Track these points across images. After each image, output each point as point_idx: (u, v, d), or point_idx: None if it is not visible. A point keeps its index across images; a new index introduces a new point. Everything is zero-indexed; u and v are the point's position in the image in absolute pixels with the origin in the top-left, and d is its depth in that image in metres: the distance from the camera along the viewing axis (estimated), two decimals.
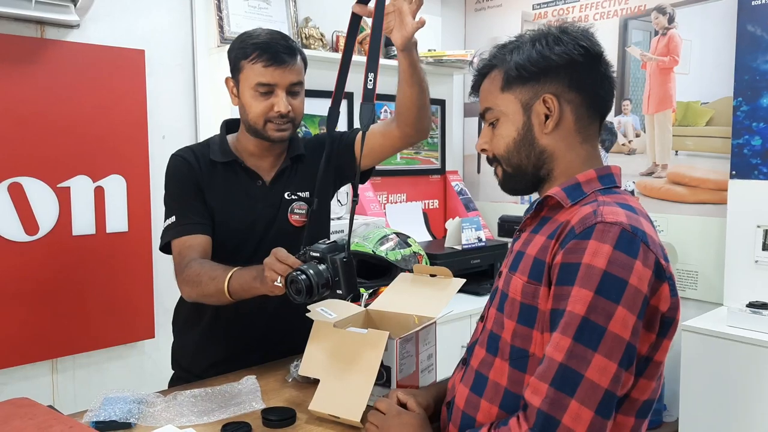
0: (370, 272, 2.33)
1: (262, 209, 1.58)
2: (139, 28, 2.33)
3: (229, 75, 1.57)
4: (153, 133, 2.36)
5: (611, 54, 1.08)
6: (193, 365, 1.60)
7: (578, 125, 1.05)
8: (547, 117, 1.04)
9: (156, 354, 2.40)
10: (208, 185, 1.56)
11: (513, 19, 3.22)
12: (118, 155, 2.26)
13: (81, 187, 2.19)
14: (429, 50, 3.07)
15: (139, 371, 2.38)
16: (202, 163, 1.58)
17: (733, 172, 2.35)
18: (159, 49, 2.38)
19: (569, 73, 1.03)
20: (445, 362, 1.51)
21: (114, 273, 2.27)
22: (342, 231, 2.48)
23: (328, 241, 1.27)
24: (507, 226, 3.26)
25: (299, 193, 1.61)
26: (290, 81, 1.50)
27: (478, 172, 3.40)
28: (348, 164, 1.64)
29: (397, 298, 1.57)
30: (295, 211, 1.60)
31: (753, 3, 2.31)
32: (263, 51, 1.49)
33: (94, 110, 2.20)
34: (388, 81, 2.94)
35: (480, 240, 2.73)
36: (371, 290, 2.26)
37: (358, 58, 2.77)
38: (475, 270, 2.70)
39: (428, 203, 3.16)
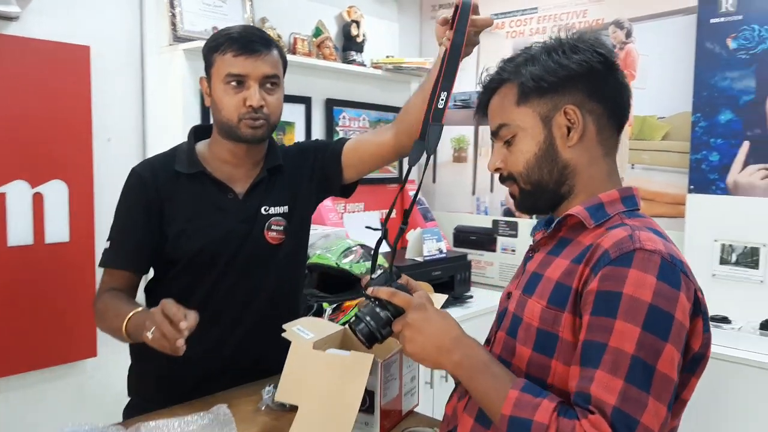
0: (333, 286, 2.23)
1: (234, 224, 1.46)
2: (85, 22, 2.16)
3: (203, 75, 1.47)
4: (98, 135, 2.20)
5: None
6: (158, 392, 1.46)
7: (600, 137, 1.00)
8: (569, 129, 0.99)
9: (98, 374, 2.22)
10: (170, 199, 1.45)
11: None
12: (60, 159, 2.08)
13: (18, 192, 1.99)
14: (387, 56, 3.01)
15: (80, 393, 2.20)
16: (162, 176, 1.46)
17: (692, 187, 2.39)
18: (106, 45, 2.22)
19: (588, 81, 0.98)
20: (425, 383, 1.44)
21: (53, 287, 2.09)
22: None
23: (380, 272, 1.15)
24: (462, 236, 3.23)
25: (277, 208, 1.50)
26: (263, 72, 1.39)
27: (434, 181, 3.36)
28: (334, 176, 1.55)
29: None
30: (273, 227, 1.50)
31: (711, 21, 2.35)
32: (234, 40, 1.40)
33: (34, 109, 2.02)
34: (347, 87, 2.88)
35: (441, 251, 2.68)
36: (334, 305, 2.17)
37: (320, 62, 2.69)
38: (437, 282, 2.64)
39: (385, 213, 3.09)
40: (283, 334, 1.32)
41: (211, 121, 1.50)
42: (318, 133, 2.81)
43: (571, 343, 0.91)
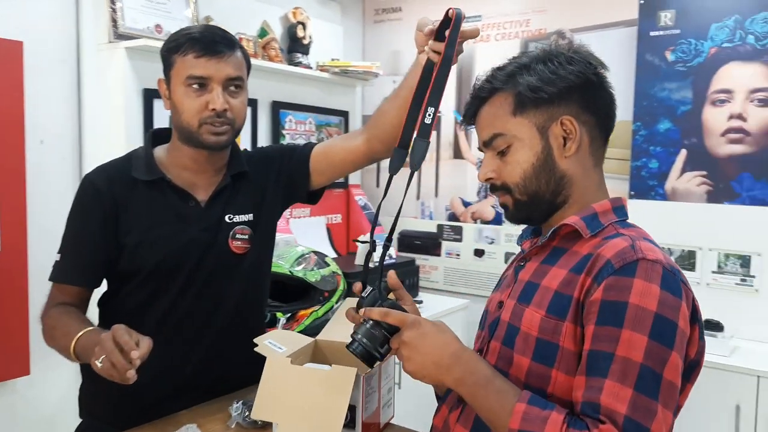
0: (287, 294, 2.17)
1: (196, 233, 1.39)
2: (18, 16, 2.01)
3: (162, 77, 1.38)
4: (30, 137, 2.05)
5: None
6: (114, 413, 1.36)
7: (592, 148, 1.01)
8: (565, 140, 0.99)
9: (31, 393, 2.07)
10: (126, 208, 1.36)
11: (414, 33, 3.20)
12: None
13: None
14: (332, 59, 2.97)
15: (11, 414, 2.04)
16: (117, 184, 1.37)
17: (632, 193, 2.49)
18: (40, 41, 2.07)
19: (584, 93, 0.99)
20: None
21: None
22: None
23: (370, 290, 1.10)
24: (407, 241, 3.23)
25: (241, 216, 1.44)
26: (227, 74, 1.33)
27: (378, 186, 3.35)
28: (301, 182, 1.50)
29: (346, 326, 1.45)
30: (237, 236, 1.43)
31: (651, 34, 2.46)
32: (195, 41, 1.32)
33: None
34: (293, 89, 2.81)
35: (390, 257, 2.66)
36: (288, 314, 2.12)
37: (266, 64, 2.62)
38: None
39: (331, 218, 3.05)
40: (255, 349, 1.27)
41: (168, 125, 1.42)
42: (264, 136, 2.73)
43: (573, 352, 0.91)
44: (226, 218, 1.42)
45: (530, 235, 1.13)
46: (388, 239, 1.10)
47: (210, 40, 1.32)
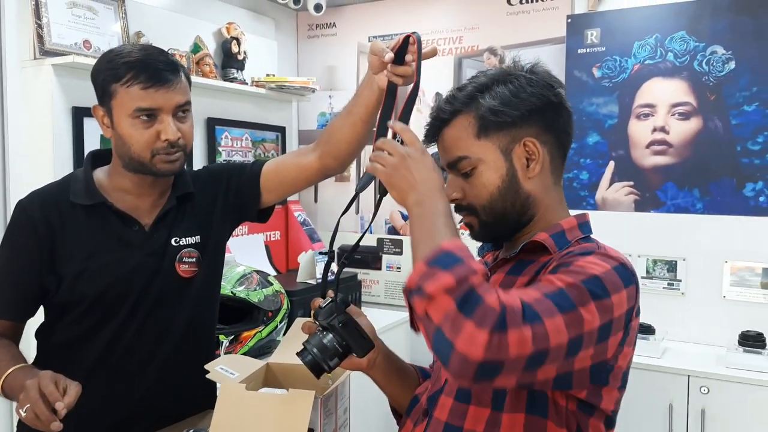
0: (229, 316, 2.12)
1: (141, 258, 1.34)
2: None
3: (96, 103, 1.32)
4: None
5: (447, 90, 1.10)
6: None
7: (552, 166, 1.04)
8: (528, 161, 1.01)
9: None
10: (64, 235, 1.30)
11: (349, 49, 3.22)
12: None
13: None
14: (267, 75, 2.95)
15: None
16: (54, 210, 1.31)
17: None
18: None
19: (545, 114, 1.01)
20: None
21: None
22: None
23: (328, 301, 1.10)
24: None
25: (188, 239, 1.40)
26: (176, 103, 1.28)
27: (315, 201, 3.33)
28: (251, 201, 1.47)
29: (298, 347, 1.43)
30: (184, 260, 1.38)
31: (579, 51, 2.57)
32: (140, 70, 1.26)
33: None
34: (228, 106, 2.77)
35: (333, 272, 2.64)
36: (231, 336, 2.07)
37: (200, 80, 2.56)
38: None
39: (270, 235, 3.01)
40: (207, 375, 1.24)
41: (100, 144, 1.36)
42: (199, 153, 2.67)
43: None
44: (172, 242, 1.38)
45: (492, 248, 1.16)
46: (347, 257, 1.11)
47: (154, 69, 1.27)
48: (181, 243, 1.39)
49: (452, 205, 1.06)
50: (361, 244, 1.16)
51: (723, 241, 2.40)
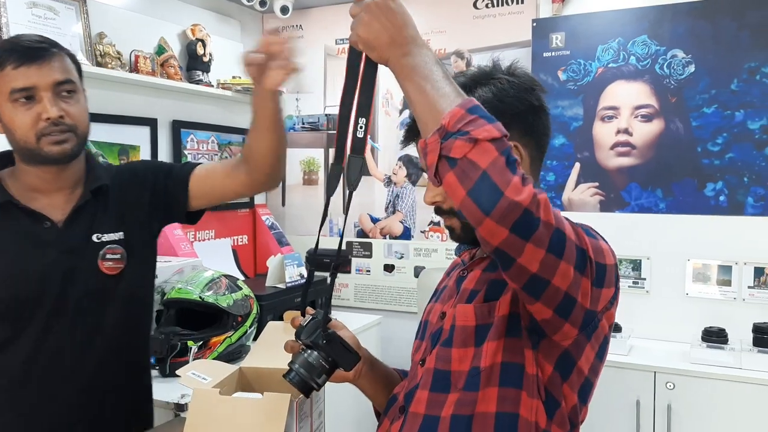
0: (198, 321, 2.09)
1: (56, 256, 1.29)
2: None
3: None
4: None
5: None
6: None
7: (532, 167, 1.04)
8: None
9: None
10: None
11: (316, 52, 3.21)
12: None
13: None
14: (233, 77, 2.91)
15: None
16: None
17: None
18: None
19: (526, 118, 1.01)
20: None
21: None
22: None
23: (309, 319, 1.07)
24: (317, 259, 3.20)
25: (111, 235, 1.35)
26: (54, 80, 1.24)
27: (283, 205, 3.30)
28: (179, 202, 1.42)
29: (270, 351, 1.41)
30: (108, 256, 1.33)
31: (544, 54, 2.61)
32: (10, 51, 1.22)
33: None
34: (194, 108, 2.73)
35: (302, 276, 2.63)
36: (200, 342, 2.04)
37: (165, 82, 2.52)
38: (299, 308, 2.59)
39: (237, 239, 2.97)
40: (179, 381, 1.21)
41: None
42: (165, 156, 2.62)
43: (504, 315, 0.95)
44: (94, 238, 1.32)
45: (469, 246, 1.16)
46: (334, 268, 1.09)
47: (25, 47, 1.23)
48: (103, 239, 1.34)
49: (432, 207, 1.06)
50: (330, 247, 1.14)
51: (685, 240, 2.46)
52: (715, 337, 2.26)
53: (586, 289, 0.88)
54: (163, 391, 1.83)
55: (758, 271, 2.35)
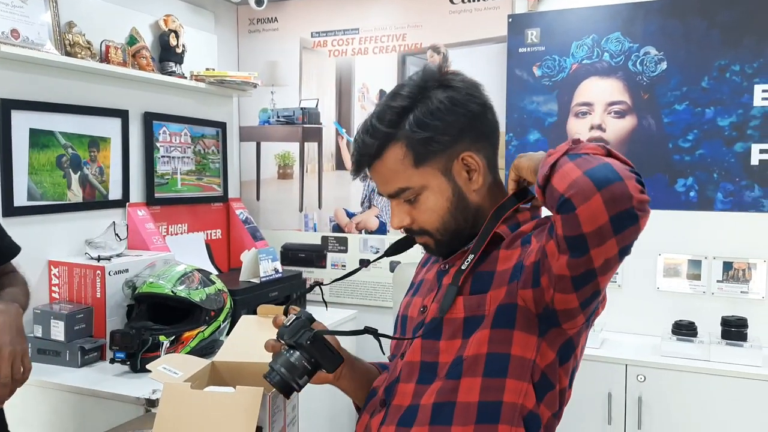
0: (170, 316, 2.06)
1: None
2: None
3: None
4: None
5: (391, 87, 1.06)
6: None
7: (489, 166, 1.05)
8: (468, 173, 1.02)
9: None
10: None
11: (291, 45, 3.18)
12: None
13: None
14: (207, 69, 2.87)
15: None
16: None
17: None
18: None
19: (473, 126, 1.02)
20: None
21: None
22: (126, 270, 2.16)
23: (293, 318, 1.06)
24: (291, 254, 3.19)
25: None
26: None
27: (258, 199, 3.27)
28: None
29: (244, 345, 1.40)
30: None
31: (519, 50, 2.61)
32: None
33: None
34: (166, 100, 2.68)
35: (277, 271, 2.61)
36: (172, 337, 2.01)
37: (137, 73, 2.48)
38: (274, 303, 2.57)
39: (211, 233, 2.93)
40: (149, 375, 1.19)
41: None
42: (136, 148, 2.58)
43: (495, 308, 0.96)
44: None
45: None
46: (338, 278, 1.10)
47: None
48: None
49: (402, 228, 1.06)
50: (305, 242, 1.13)
51: (657, 235, 2.49)
52: (684, 330, 2.29)
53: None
54: (133, 386, 1.80)
55: (727, 266, 2.40)
